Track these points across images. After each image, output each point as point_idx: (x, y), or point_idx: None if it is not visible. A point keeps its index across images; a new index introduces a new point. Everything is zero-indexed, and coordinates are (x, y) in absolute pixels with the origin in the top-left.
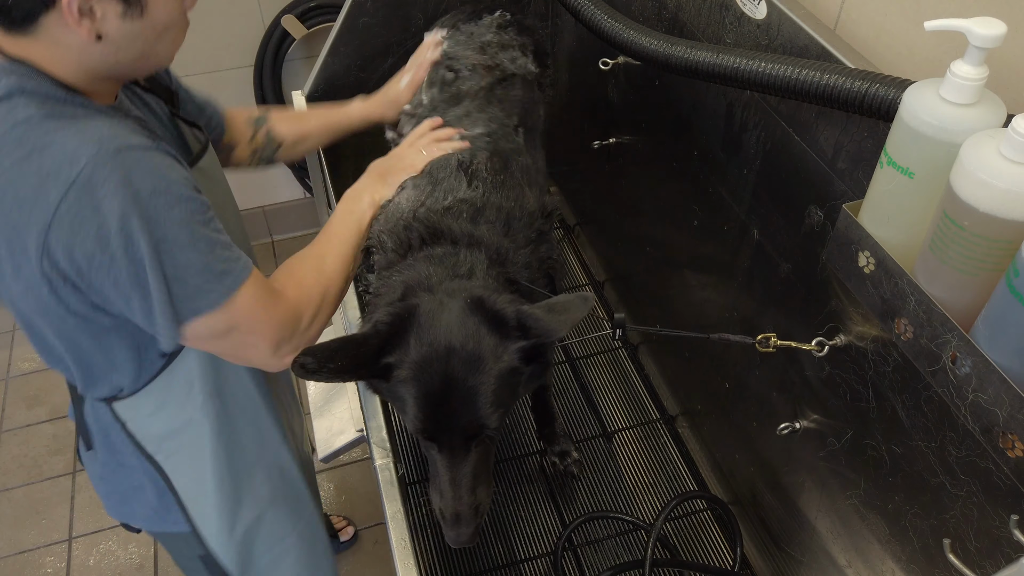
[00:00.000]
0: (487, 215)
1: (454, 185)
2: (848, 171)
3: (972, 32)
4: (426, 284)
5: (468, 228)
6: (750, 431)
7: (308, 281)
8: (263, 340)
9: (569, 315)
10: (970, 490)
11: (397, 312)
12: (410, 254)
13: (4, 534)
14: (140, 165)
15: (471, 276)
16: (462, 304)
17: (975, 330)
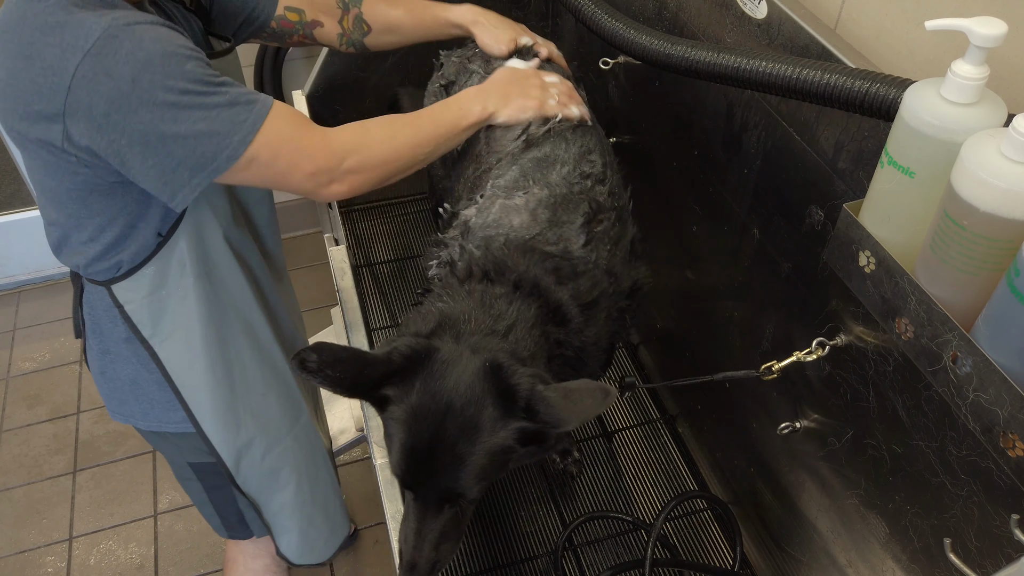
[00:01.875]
0: (580, 284)
1: (571, 235)
2: (849, 171)
3: (973, 32)
4: (458, 329)
5: (540, 278)
6: (750, 431)
7: (369, 137)
8: (293, 175)
9: (583, 407)
10: (971, 489)
11: (416, 349)
12: (469, 282)
13: (4, 534)
14: (150, 33)
15: (507, 334)
16: (479, 365)
17: (976, 330)
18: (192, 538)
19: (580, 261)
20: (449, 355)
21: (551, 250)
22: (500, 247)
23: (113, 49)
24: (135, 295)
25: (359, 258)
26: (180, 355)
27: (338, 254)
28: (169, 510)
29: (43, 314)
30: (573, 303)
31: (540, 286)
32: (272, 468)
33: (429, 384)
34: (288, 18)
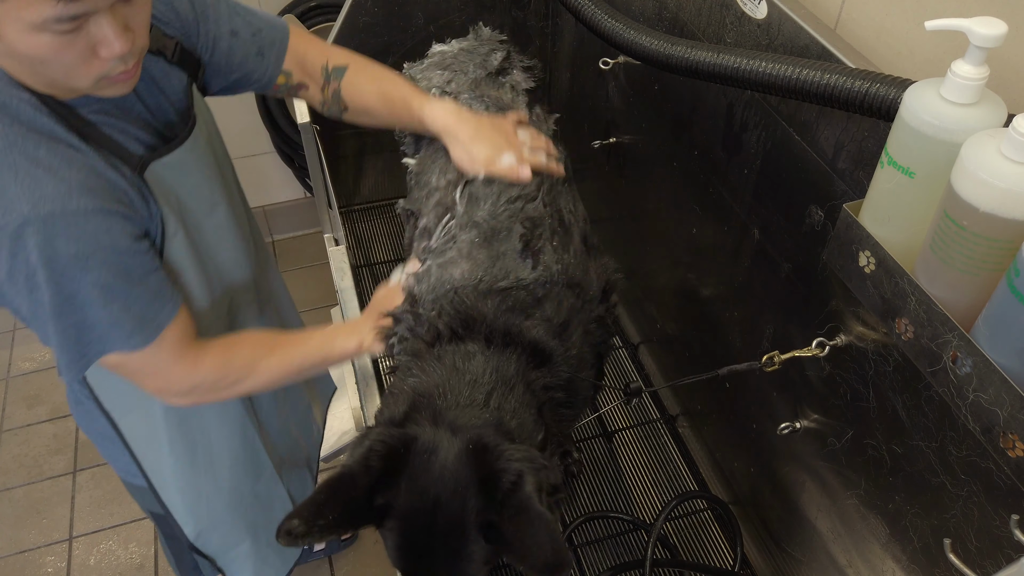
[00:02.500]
0: (546, 309)
1: (515, 264)
2: (849, 171)
3: (973, 32)
4: (434, 406)
5: (508, 322)
6: (750, 431)
7: (238, 362)
8: (157, 387)
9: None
10: (971, 490)
11: (392, 444)
12: (438, 344)
13: (4, 534)
14: (69, 231)
15: (488, 401)
16: (462, 447)
17: (976, 330)
18: None
19: (537, 285)
20: (429, 442)
21: (504, 285)
22: (455, 300)
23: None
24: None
25: (359, 258)
26: (140, 430)
27: (338, 254)
28: None
29: None
30: (548, 336)
31: (511, 332)
32: (230, 532)
33: (414, 482)
34: (277, 81)
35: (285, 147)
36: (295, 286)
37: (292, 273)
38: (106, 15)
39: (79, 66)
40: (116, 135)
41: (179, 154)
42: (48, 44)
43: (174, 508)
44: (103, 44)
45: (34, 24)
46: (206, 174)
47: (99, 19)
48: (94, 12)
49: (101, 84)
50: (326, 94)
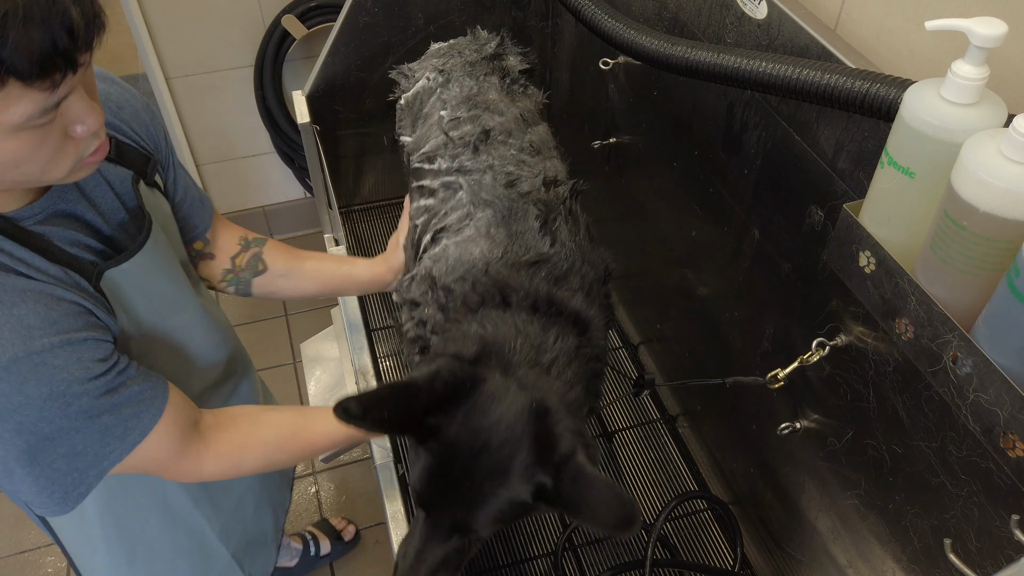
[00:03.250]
0: (572, 282)
1: (535, 241)
2: (849, 171)
3: (973, 32)
4: (505, 358)
5: (550, 292)
6: (750, 431)
7: (244, 463)
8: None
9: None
10: (971, 490)
11: (462, 375)
12: (482, 308)
13: (4, 533)
14: (38, 373)
15: (551, 368)
16: (525, 405)
17: (976, 330)
18: None
19: (559, 259)
20: (496, 389)
21: (528, 259)
22: (489, 272)
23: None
24: None
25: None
26: (76, 535)
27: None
28: None
29: None
30: (586, 305)
31: (555, 301)
32: None
33: (472, 418)
34: (195, 246)
35: (285, 147)
36: None
37: None
38: (77, 91)
39: (56, 156)
40: (65, 246)
41: (139, 259)
42: (26, 143)
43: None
44: (77, 122)
45: (14, 126)
46: (170, 274)
47: (70, 98)
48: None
49: (75, 167)
50: (240, 260)
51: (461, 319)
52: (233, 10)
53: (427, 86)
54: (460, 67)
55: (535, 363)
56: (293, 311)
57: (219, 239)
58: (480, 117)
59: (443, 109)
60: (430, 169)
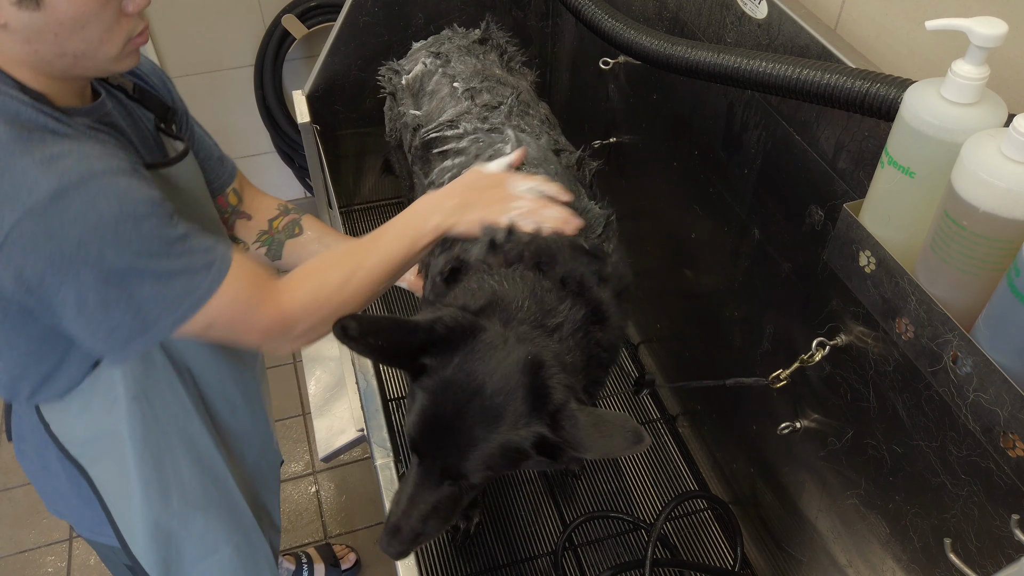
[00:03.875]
0: (613, 285)
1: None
2: (849, 171)
3: (973, 31)
4: (508, 314)
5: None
6: (751, 431)
7: (324, 291)
8: (245, 338)
9: (609, 443)
10: (971, 490)
11: (462, 324)
12: (517, 266)
13: (5, 533)
14: (106, 190)
15: (555, 332)
16: (522, 356)
17: (976, 330)
18: None
19: (610, 262)
20: (494, 338)
21: (591, 246)
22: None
23: (60, 209)
24: (63, 415)
25: None
26: (112, 476)
27: None
28: None
29: None
30: (611, 301)
31: (584, 285)
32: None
33: (467, 362)
34: (228, 199)
35: (285, 147)
36: None
37: None
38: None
39: (113, 27)
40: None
41: (182, 168)
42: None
43: (142, 557)
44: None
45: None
46: (204, 204)
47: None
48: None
49: (126, 49)
50: (278, 224)
51: (495, 269)
52: (233, 10)
53: (426, 69)
54: (456, 49)
55: (540, 324)
56: None
57: (256, 202)
58: (496, 88)
59: (455, 82)
60: (454, 134)
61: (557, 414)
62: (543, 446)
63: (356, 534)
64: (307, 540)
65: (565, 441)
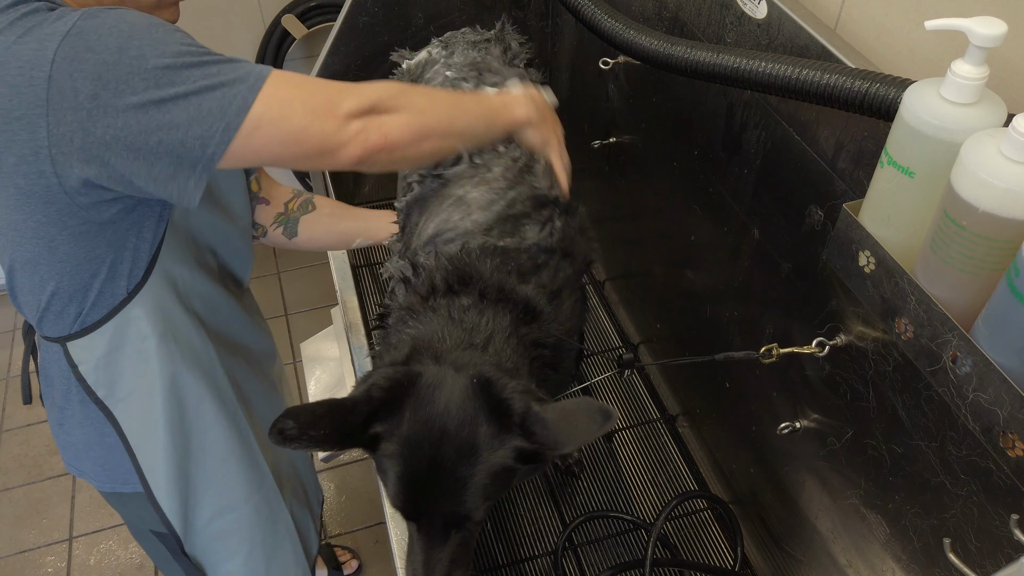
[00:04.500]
0: (542, 277)
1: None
2: (848, 171)
3: (973, 31)
4: (435, 350)
5: (502, 281)
6: (750, 431)
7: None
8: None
9: (581, 430)
10: (970, 489)
11: (396, 379)
12: (432, 298)
13: (4, 534)
14: (132, 12)
15: (486, 347)
16: (466, 383)
17: (975, 329)
18: None
19: (538, 252)
20: (433, 377)
21: (508, 244)
22: (456, 257)
23: (93, 26)
24: (91, 355)
25: (359, 258)
26: (138, 417)
27: (338, 254)
28: None
29: None
30: (539, 296)
31: (505, 289)
32: (221, 534)
33: (419, 411)
34: (251, 186)
35: None
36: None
37: (292, 273)
38: None
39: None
40: None
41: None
42: None
43: (163, 501)
44: None
45: None
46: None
47: None
48: None
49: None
50: (292, 205)
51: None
52: (233, 10)
53: (430, 57)
54: (463, 43)
55: (468, 345)
56: (293, 311)
57: (274, 190)
58: (484, 76)
59: (448, 71)
60: None
61: (524, 422)
62: (524, 456)
63: (356, 534)
64: None
65: (541, 445)
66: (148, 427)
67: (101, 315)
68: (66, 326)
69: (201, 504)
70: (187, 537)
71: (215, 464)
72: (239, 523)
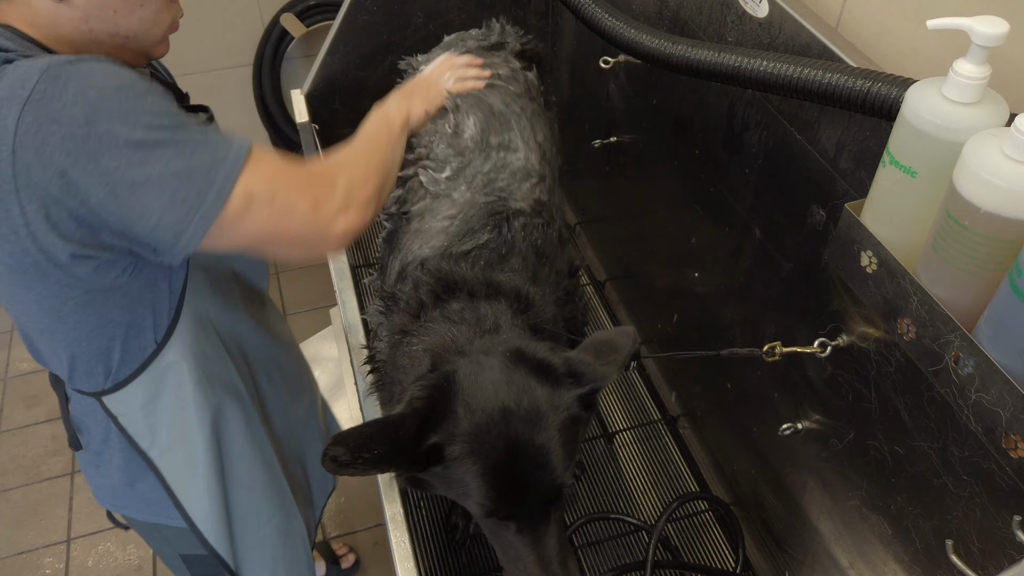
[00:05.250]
0: (513, 263)
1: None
2: (850, 170)
3: (975, 31)
4: (455, 347)
5: (485, 275)
6: (752, 432)
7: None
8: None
9: (618, 355)
10: (973, 491)
11: (432, 384)
12: (423, 313)
13: (2, 535)
14: (98, 69)
15: (497, 329)
16: (502, 359)
17: (978, 330)
18: None
19: (500, 243)
20: (469, 368)
21: (466, 247)
22: (430, 269)
23: (56, 91)
24: (129, 407)
25: (358, 258)
26: (181, 466)
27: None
28: None
29: None
30: (525, 283)
31: (491, 282)
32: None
33: (471, 402)
34: None
35: (283, 146)
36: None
37: (291, 273)
38: None
39: (163, 9)
40: None
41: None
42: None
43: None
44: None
45: None
46: None
47: None
48: None
49: (166, 34)
50: None
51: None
52: (231, 8)
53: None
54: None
55: (482, 332)
56: (292, 311)
57: None
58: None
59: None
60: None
61: (570, 370)
62: (583, 401)
63: (355, 536)
64: None
65: (592, 382)
66: (192, 474)
67: (133, 369)
68: (98, 383)
69: (234, 531)
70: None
71: (242, 494)
72: (262, 543)
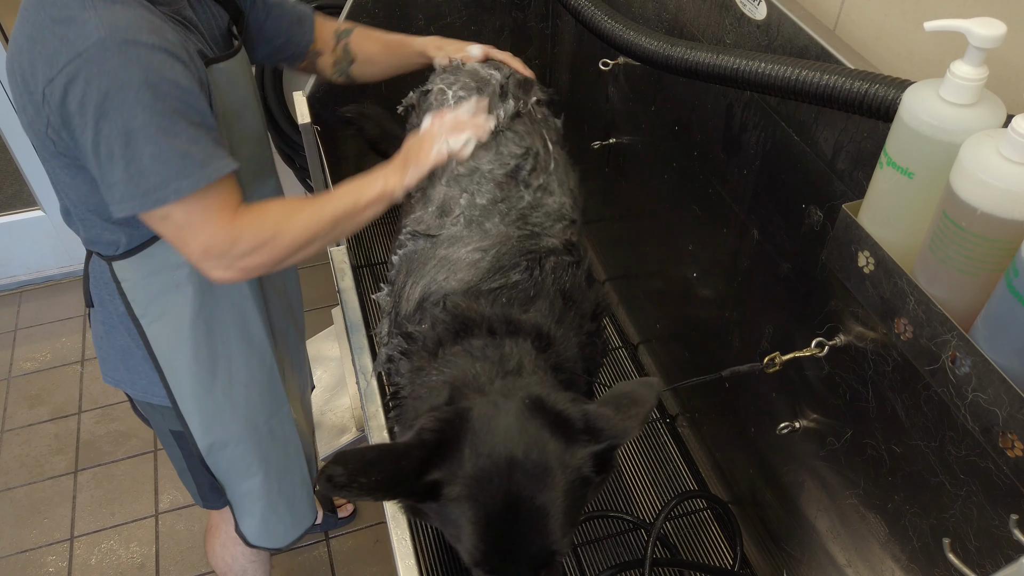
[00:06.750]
0: (540, 306)
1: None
2: (848, 171)
3: (972, 32)
4: (475, 384)
5: (507, 313)
6: (750, 430)
7: (271, 218)
8: (191, 242)
9: (639, 409)
10: (970, 490)
11: (445, 418)
12: (442, 350)
13: (6, 533)
14: (139, 59)
15: (520, 371)
16: (520, 406)
17: (975, 330)
18: (193, 537)
19: (529, 285)
20: (484, 409)
21: (494, 285)
22: (447, 306)
23: (100, 59)
24: (133, 274)
25: (359, 258)
26: (167, 337)
27: (338, 254)
28: (170, 510)
29: (44, 314)
30: (548, 322)
31: (512, 320)
32: (241, 457)
33: (480, 445)
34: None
35: (285, 147)
36: None
37: None
38: None
39: None
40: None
41: (231, 63)
42: None
43: (190, 419)
44: None
45: None
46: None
47: None
48: None
49: None
50: (337, 52)
51: (427, 365)
52: None
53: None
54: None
55: (505, 372)
56: None
57: (320, 39)
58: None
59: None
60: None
61: (588, 425)
62: (598, 461)
63: (356, 534)
64: (308, 542)
65: (610, 439)
66: (175, 348)
67: (140, 242)
68: (109, 248)
69: (225, 420)
70: (208, 455)
71: (237, 389)
72: (256, 447)
